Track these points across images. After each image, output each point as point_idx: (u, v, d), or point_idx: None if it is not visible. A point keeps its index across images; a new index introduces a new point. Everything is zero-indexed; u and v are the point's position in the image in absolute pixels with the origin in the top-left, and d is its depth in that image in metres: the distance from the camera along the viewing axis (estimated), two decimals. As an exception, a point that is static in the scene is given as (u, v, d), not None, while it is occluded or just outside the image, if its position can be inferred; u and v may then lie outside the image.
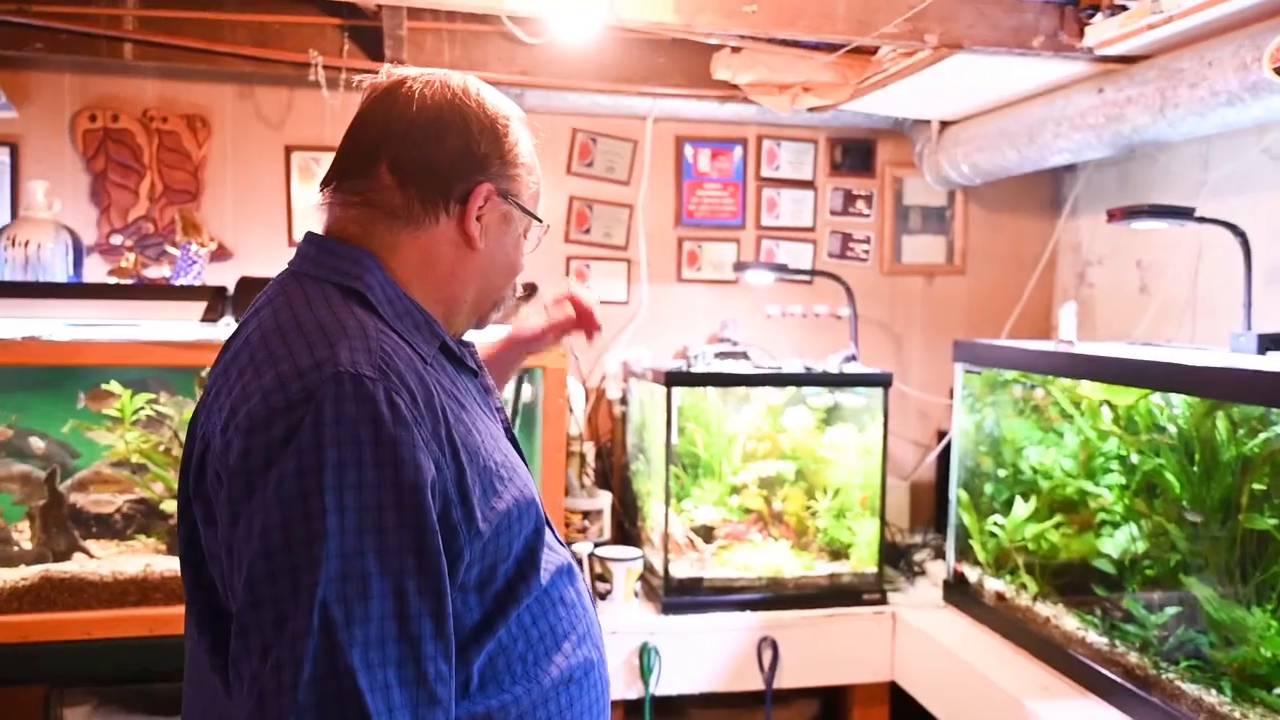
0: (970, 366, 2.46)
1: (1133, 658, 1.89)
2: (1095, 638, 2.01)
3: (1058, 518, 2.19)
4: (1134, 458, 1.97)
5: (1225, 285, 2.50)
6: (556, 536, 1.07)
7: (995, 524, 2.34)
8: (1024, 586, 2.26)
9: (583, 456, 2.68)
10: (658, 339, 2.95)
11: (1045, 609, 2.18)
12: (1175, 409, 1.87)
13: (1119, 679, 1.89)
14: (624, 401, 2.85)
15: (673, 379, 2.38)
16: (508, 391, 2.29)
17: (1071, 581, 2.17)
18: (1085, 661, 1.99)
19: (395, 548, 0.84)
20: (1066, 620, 2.11)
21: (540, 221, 1.08)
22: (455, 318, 1.03)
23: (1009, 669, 2.11)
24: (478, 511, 0.91)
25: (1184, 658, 1.81)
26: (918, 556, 2.78)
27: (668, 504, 2.40)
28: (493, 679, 0.94)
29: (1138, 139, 2.21)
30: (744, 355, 2.81)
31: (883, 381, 2.51)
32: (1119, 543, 2.04)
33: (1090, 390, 2.07)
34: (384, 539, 0.84)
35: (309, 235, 1.02)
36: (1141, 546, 1.97)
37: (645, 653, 2.33)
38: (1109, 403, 2.01)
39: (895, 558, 2.76)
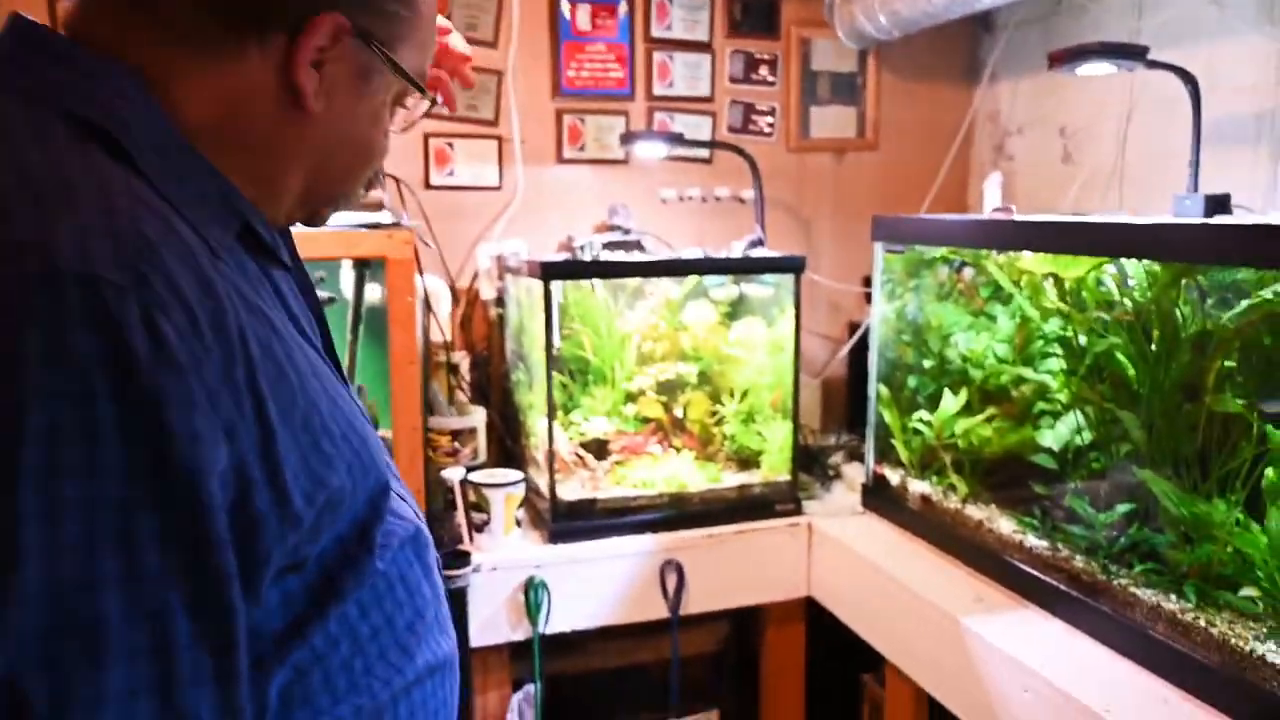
0: (891, 245, 2.16)
1: (1079, 562, 1.67)
2: (1035, 541, 1.77)
3: (990, 410, 1.93)
4: (1081, 339, 1.71)
5: (1154, 152, 2.27)
6: (403, 494, 0.78)
7: (920, 420, 2.08)
8: (952, 488, 2.01)
9: (453, 368, 2.31)
10: (537, 230, 2.60)
11: (977, 511, 1.95)
12: (1130, 282, 1.60)
13: (1064, 586, 1.67)
14: (500, 303, 2.49)
15: (550, 271, 2.02)
16: (346, 289, 1.89)
17: (1006, 479, 1.94)
18: (1024, 568, 1.76)
19: (153, 574, 0.53)
20: (1002, 523, 1.87)
21: (423, 93, 0.75)
22: (272, 207, 0.71)
23: (938, 579, 1.88)
24: (293, 492, 0.62)
25: (1137, 560, 1.58)
26: (833, 460, 2.55)
27: (551, 418, 2.07)
28: (303, 702, 0.66)
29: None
30: (636, 245, 2.48)
31: (794, 266, 2.20)
32: (1061, 434, 1.79)
33: (1032, 263, 1.79)
34: (132, 561, 0.53)
35: (15, 20, 0.64)
36: (1087, 437, 1.72)
37: (532, 588, 2.02)
38: (1054, 276, 1.74)
39: (808, 462, 2.51)
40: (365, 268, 1.87)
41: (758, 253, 2.34)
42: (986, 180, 2.45)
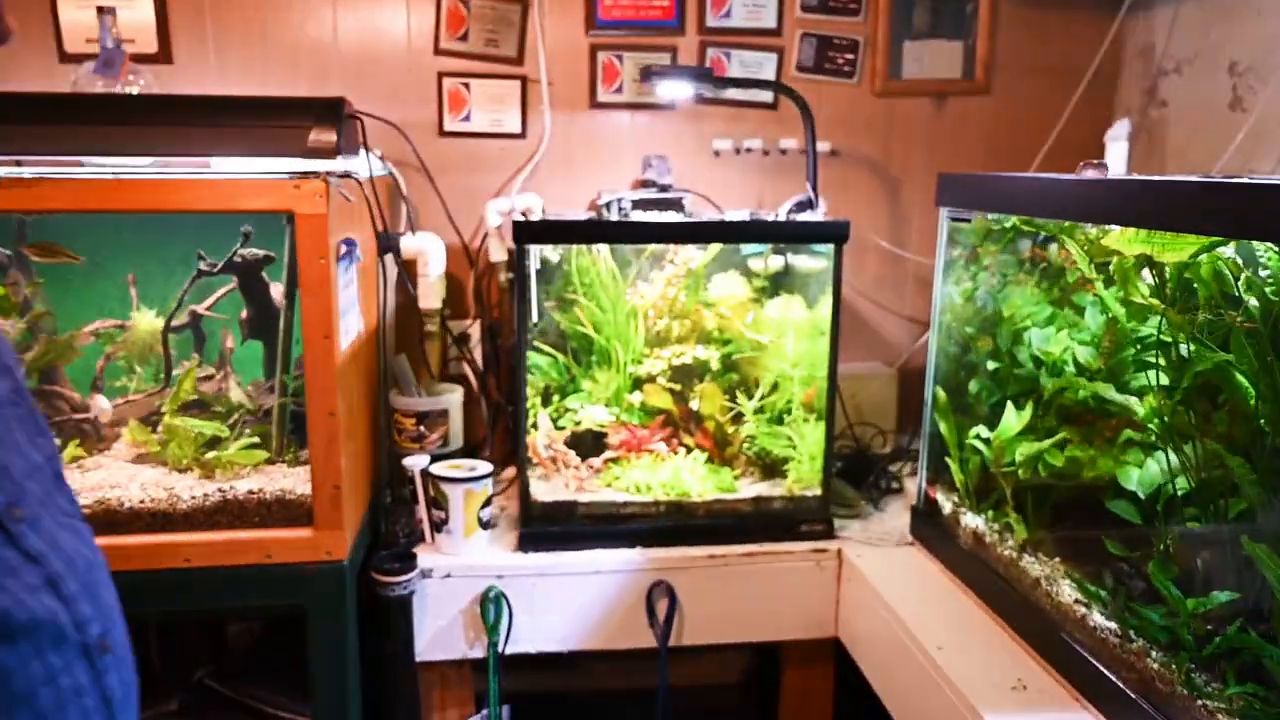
0: (958, 212, 1.68)
1: (1154, 660, 1.19)
2: (1101, 620, 1.30)
3: (1063, 433, 1.45)
4: (1185, 348, 1.21)
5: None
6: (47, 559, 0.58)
7: (979, 437, 1.61)
8: (1009, 528, 1.54)
9: (460, 338, 2.03)
10: (566, 185, 2.26)
11: (1035, 565, 1.47)
12: (1263, 273, 1.09)
13: (1130, 690, 1.20)
14: (511, 267, 2.16)
15: (522, 231, 1.67)
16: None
17: (1076, 526, 1.46)
18: (1083, 654, 1.29)
19: None
20: (1063, 587, 1.40)
21: None
22: None
23: (975, 646, 1.44)
24: None
25: (1234, 674, 1.10)
26: (897, 467, 2.14)
27: (519, 403, 1.75)
28: None
29: None
30: (675, 204, 2.11)
31: (833, 234, 1.75)
32: (1149, 476, 1.30)
33: (1123, 241, 1.29)
34: None
35: None
36: (1183, 485, 1.23)
37: (489, 601, 1.72)
38: (1151, 260, 1.24)
39: (863, 471, 2.07)
40: (291, 221, 1.58)
41: (807, 217, 1.90)
42: (1110, 130, 1.91)
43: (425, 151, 2.20)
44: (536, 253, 1.83)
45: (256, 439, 1.65)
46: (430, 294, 1.99)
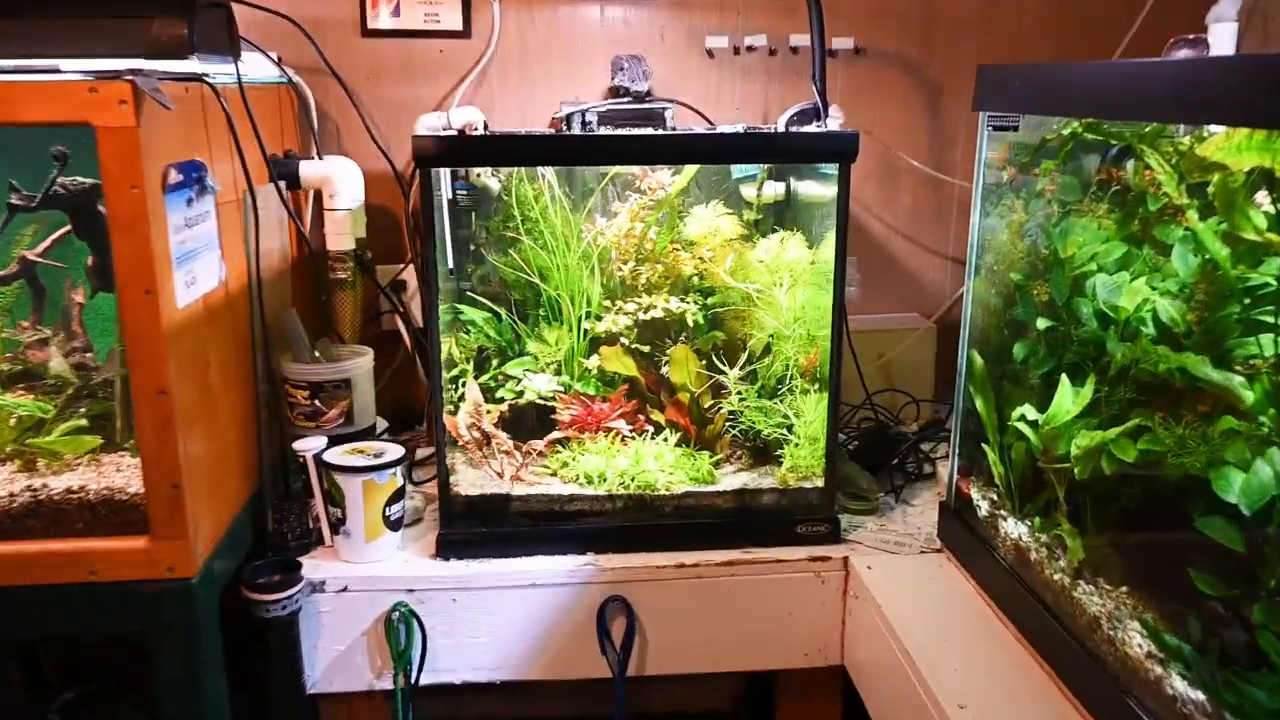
0: (1002, 117, 1.34)
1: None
2: (1184, 688, 0.99)
3: (1135, 419, 1.12)
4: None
5: None
6: None
7: (1024, 418, 1.29)
8: (1061, 543, 1.23)
9: (360, 288, 1.75)
10: (526, 96, 2.01)
11: (1094, 599, 1.16)
12: None
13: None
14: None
15: (424, 152, 1.38)
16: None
17: (1151, 549, 1.14)
18: (1156, 730, 0.98)
19: None
20: (1131, 632, 1.08)
21: None
22: None
23: (1007, 708, 1.14)
24: None
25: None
26: (932, 446, 1.87)
27: (435, 373, 1.47)
28: None
29: None
30: (654, 117, 1.85)
31: (835, 149, 1.44)
32: (1256, 485, 0.98)
33: (1228, 151, 0.95)
34: None
35: None
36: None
37: (395, 622, 1.46)
38: (1272, 178, 0.89)
39: (886, 451, 1.79)
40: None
41: (813, 130, 1.60)
42: (1214, 8, 1.54)
43: (344, 55, 1.94)
44: (445, 179, 1.53)
45: (85, 421, 1.39)
46: (340, 232, 1.71)
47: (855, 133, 1.45)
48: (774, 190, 1.73)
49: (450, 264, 1.55)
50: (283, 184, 1.65)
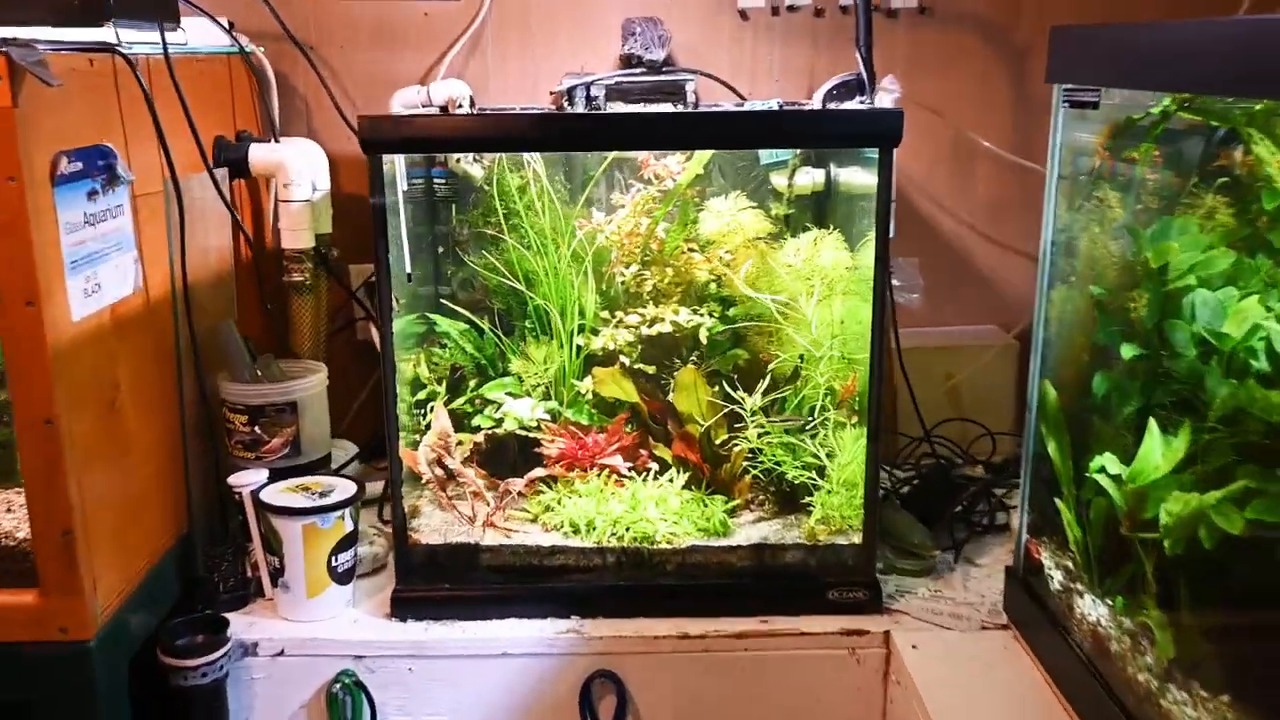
0: (1080, 91, 1.20)
1: None
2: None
3: (1244, 480, 0.97)
4: None
5: None
6: None
7: (1104, 470, 1.15)
8: (1148, 632, 1.08)
9: (321, 293, 1.68)
10: (528, 66, 1.93)
11: (1188, 710, 1.01)
12: None
13: None
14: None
15: (368, 135, 1.29)
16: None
17: (1263, 655, 0.98)
18: None
19: None
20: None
21: None
22: None
23: None
24: None
25: None
26: (1005, 491, 1.76)
27: (389, 400, 1.39)
28: None
29: None
30: (673, 91, 1.74)
31: (874, 131, 1.33)
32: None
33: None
34: None
35: None
36: None
37: (338, 696, 1.38)
38: None
39: (949, 494, 1.69)
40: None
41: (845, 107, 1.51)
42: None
43: (315, 20, 1.88)
44: (400, 167, 1.44)
45: (-27, 452, 1.32)
46: (296, 228, 1.65)
47: (898, 111, 1.33)
48: (810, 179, 1.63)
49: (408, 269, 1.45)
50: (224, 171, 1.56)
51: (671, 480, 1.53)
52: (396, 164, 1.45)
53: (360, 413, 1.94)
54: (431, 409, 1.53)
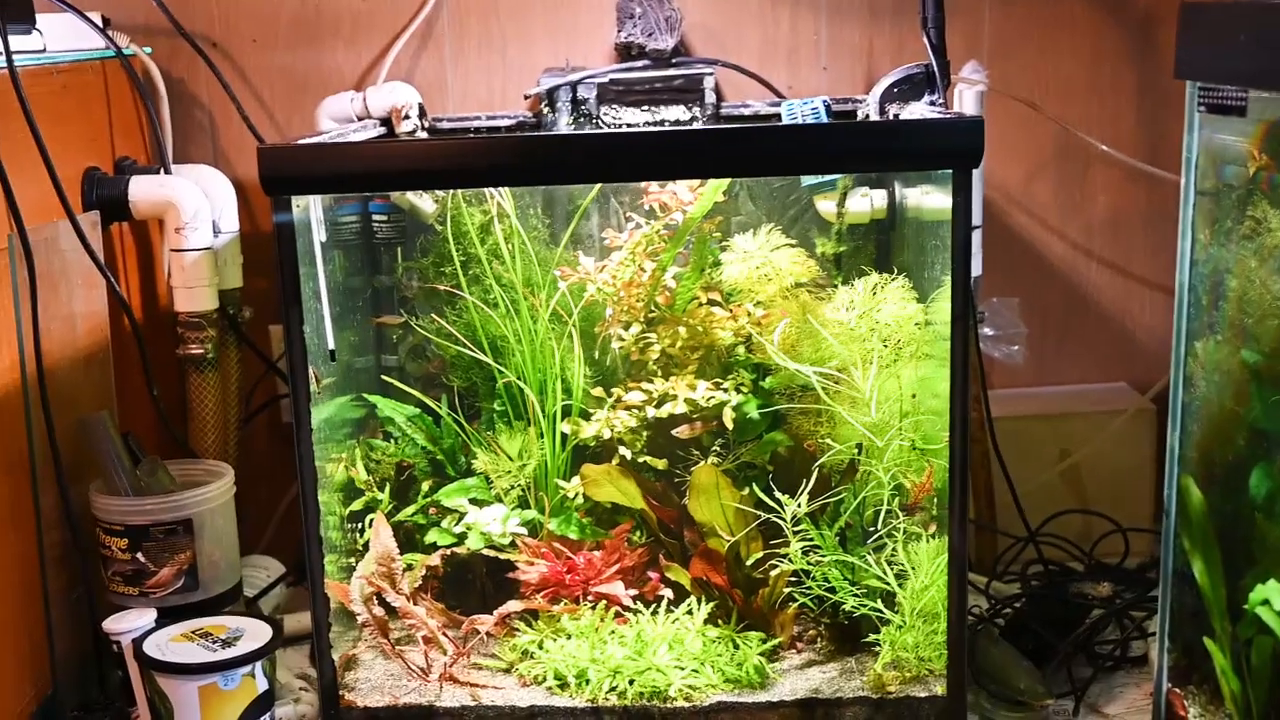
0: (1218, 91, 1.20)
1: None
2: None
3: None
4: None
5: None
6: None
7: (1267, 604, 1.17)
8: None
9: (229, 368, 1.77)
10: (495, 62, 1.98)
11: None
12: None
13: None
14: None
15: (276, 174, 1.33)
16: None
17: None
18: None
19: None
20: None
21: None
22: None
23: None
24: None
25: None
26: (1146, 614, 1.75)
27: (309, 514, 1.45)
28: None
29: None
30: (688, 89, 1.82)
31: (941, 148, 1.36)
32: None
33: None
34: None
35: None
36: None
37: None
38: None
39: (1066, 619, 1.69)
40: None
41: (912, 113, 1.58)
42: None
43: (215, 9, 1.93)
44: (315, 211, 1.45)
45: None
46: (193, 284, 1.71)
47: (974, 120, 1.35)
48: (868, 204, 1.67)
49: (331, 344, 1.46)
50: (95, 216, 1.60)
51: (690, 613, 1.56)
52: (313, 206, 1.45)
53: (287, 519, 1.95)
54: (370, 523, 1.55)
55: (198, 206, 1.67)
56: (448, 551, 1.58)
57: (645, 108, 1.79)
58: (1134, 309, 2.02)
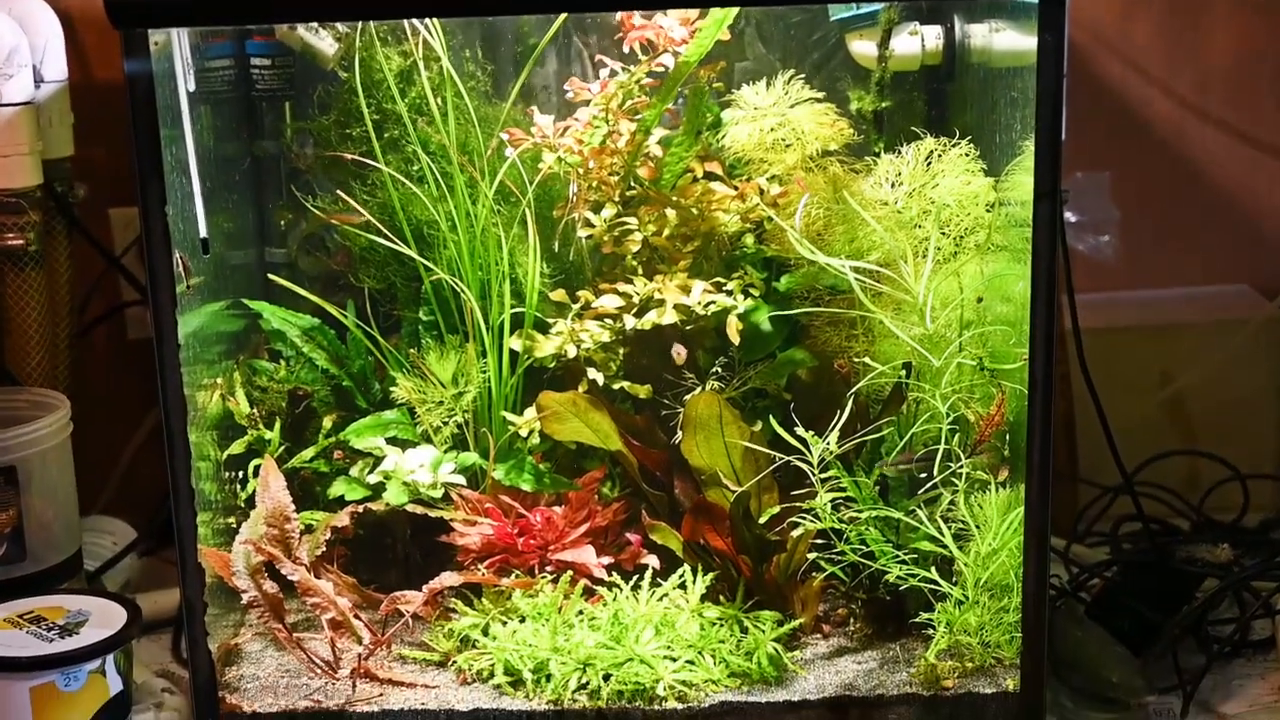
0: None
1: None
2: None
3: None
4: None
5: None
6: None
7: None
8: None
9: (40, 264, 1.83)
10: None
11: None
12: None
13: None
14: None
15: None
16: None
17: None
18: None
19: None
20: None
21: None
22: None
23: None
24: None
25: None
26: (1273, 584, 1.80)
27: (174, 456, 1.47)
28: None
29: None
30: None
31: None
32: None
33: None
34: None
35: None
36: None
37: None
38: None
39: (1171, 591, 1.73)
40: None
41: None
42: None
43: None
44: (180, 48, 1.50)
45: None
46: (10, 153, 1.76)
47: None
48: (918, 45, 1.68)
49: (203, 230, 1.48)
50: None
51: (683, 588, 1.61)
52: (176, 42, 1.47)
53: (138, 467, 1.99)
54: (255, 471, 1.59)
55: (13, 45, 1.69)
56: (359, 508, 1.61)
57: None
58: (1260, 188, 2.06)
